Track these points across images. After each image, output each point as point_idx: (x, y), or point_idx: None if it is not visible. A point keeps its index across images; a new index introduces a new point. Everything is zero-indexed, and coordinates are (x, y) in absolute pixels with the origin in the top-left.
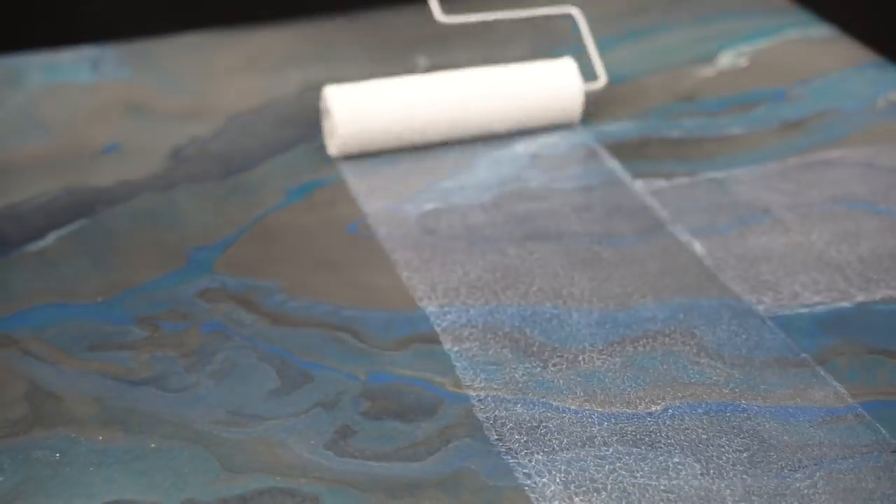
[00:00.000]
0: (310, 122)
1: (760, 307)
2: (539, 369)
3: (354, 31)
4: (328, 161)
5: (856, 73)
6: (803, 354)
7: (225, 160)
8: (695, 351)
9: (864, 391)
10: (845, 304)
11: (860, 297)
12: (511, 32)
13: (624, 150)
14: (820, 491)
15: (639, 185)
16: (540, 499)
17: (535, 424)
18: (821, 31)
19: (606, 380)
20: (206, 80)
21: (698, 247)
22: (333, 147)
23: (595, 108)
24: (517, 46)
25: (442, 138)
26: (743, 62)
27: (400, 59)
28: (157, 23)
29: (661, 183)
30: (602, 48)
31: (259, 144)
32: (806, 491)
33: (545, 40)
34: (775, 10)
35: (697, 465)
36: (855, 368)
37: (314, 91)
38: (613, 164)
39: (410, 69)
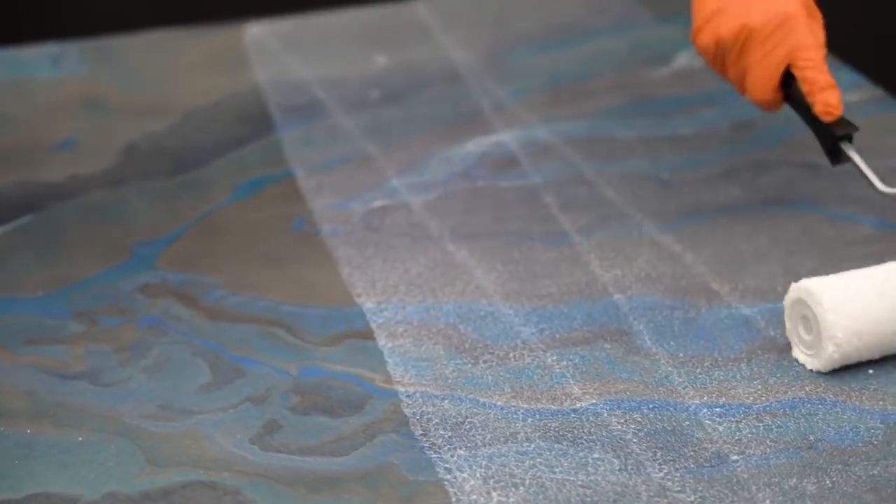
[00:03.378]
0: (264, 118)
1: (692, 308)
2: (469, 366)
3: (317, 27)
4: (279, 158)
5: None
6: (730, 353)
7: (177, 156)
8: (625, 349)
9: (785, 389)
10: (779, 303)
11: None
12: None
13: (576, 148)
14: (738, 486)
15: (586, 183)
16: (458, 493)
17: (460, 420)
18: None
19: (535, 377)
20: (166, 77)
21: (639, 244)
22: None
23: (548, 106)
24: None
25: None
26: (698, 62)
27: (359, 56)
28: (122, 20)
29: (608, 181)
30: (561, 48)
31: (212, 141)
32: (723, 486)
33: None
34: None
35: (616, 461)
36: (777, 367)
37: (273, 89)
38: (563, 162)
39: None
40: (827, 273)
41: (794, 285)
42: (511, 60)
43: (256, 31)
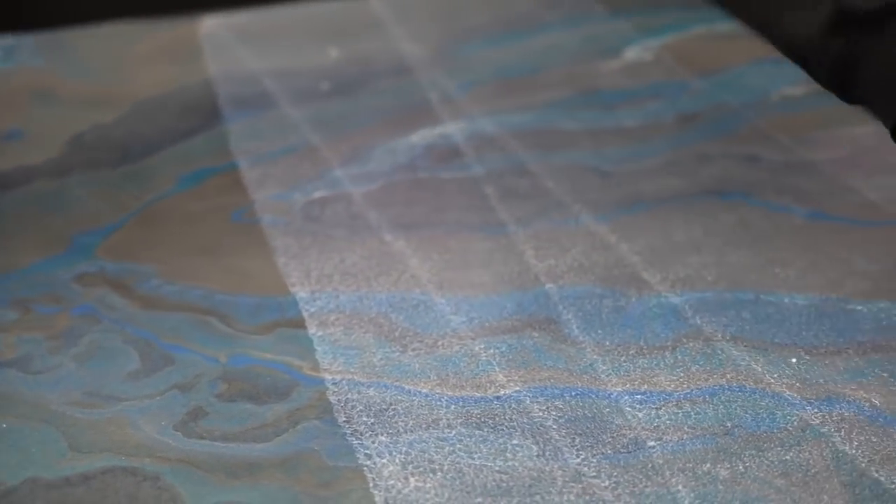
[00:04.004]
0: (214, 110)
1: (622, 296)
2: (398, 354)
3: (272, 20)
4: (224, 149)
5: (755, 68)
6: (656, 341)
7: (123, 147)
8: (552, 338)
9: (707, 376)
10: (707, 292)
11: (721, 286)
12: None
13: (520, 140)
14: (652, 471)
15: (527, 175)
16: (377, 479)
17: (384, 407)
18: (727, 26)
19: (461, 364)
20: (118, 69)
21: (575, 234)
22: None
23: (496, 98)
24: None
25: None
26: (648, 56)
27: (312, 49)
28: (79, 12)
29: (550, 173)
30: (513, 41)
31: (159, 132)
32: (638, 471)
33: None
34: (686, 6)
35: (535, 447)
36: (700, 355)
37: (223, 80)
38: (506, 153)
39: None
40: (757, 264)
41: None
42: (462, 53)
43: (211, 24)
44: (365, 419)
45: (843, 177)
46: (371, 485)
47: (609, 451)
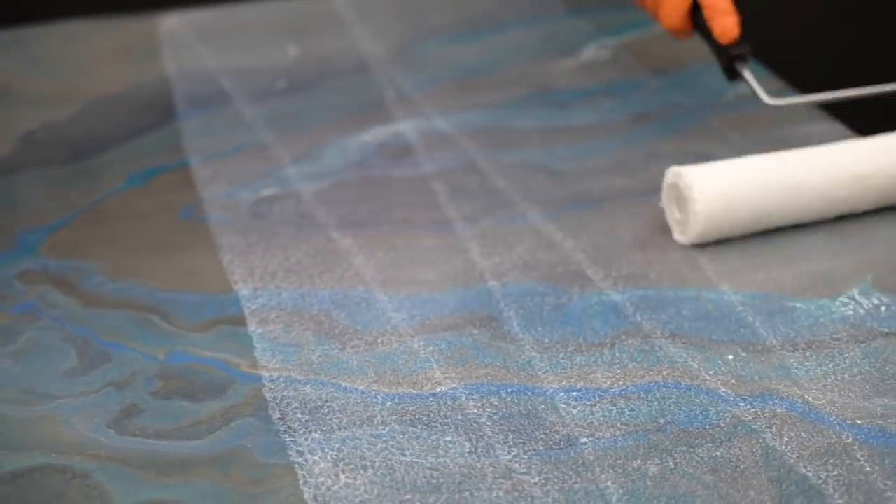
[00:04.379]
0: (168, 108)
1: (564, 294)
2: (336, 351)
3: (235, 19)
4: (177, 147)
5: (713, 67)
6: (595, 338)
7: (75, 145)
8: (492, 335)
9: (644, 373)
10: (650, 290)
11: (664, 283)
12: None
13: (473, 138)
14: (582, 468)
15: (477, 173)
16: (307, 476)
17: (319, 404)
18: None
19: (400, 362)
20: (75, 67)
21: (521, 232)
22: (687, 234)
23: (451, 97)
24: None
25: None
26: (606, 55)
27: (271, 47)
28: (41, 10)
29: (500, 171)
30: (472, 40)
31: (112, 130)
32: (568, 467)
33: None
34: None
35: (467, 444)
36: (638, 352)
37: (180, 79)
38: (458, 151)
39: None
40: (701, 262)
41: (668, 171)
42: (421, 52)
43: (172, 22)
44: (299, 416)
45: None
46: (301, 482)
47: (541, 448)
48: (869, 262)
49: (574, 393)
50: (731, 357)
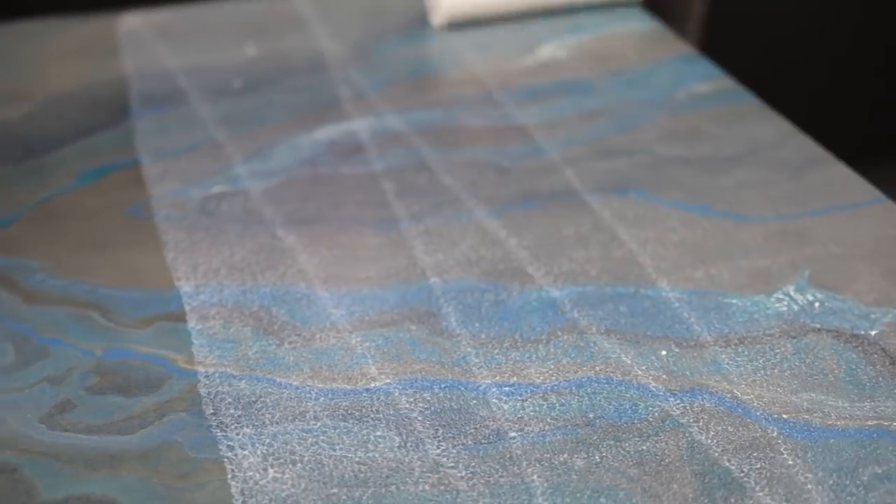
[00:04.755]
0: (123, 107)
1: (504, 290)
2: (274, 347)
3: (195, 18)
4: (129, 145)
5: (667, 66)
6: (531, 334)
7: (27, 143)
8: (430, 331)
9: (577, 369)
10: (588, 286)
11: (603, 280)
12: None
13: (424, 137)
14: (509, 462)
15: (426, 171)
16: (236, 470)
17: (253, 400)
18: (647, 25)
19: (336, 357)
20: (32, 66)
21: (466, 230)
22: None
23: (407, 96)
24: None
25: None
26: (562, 54)
27: (230, 46)
28: (3, 8)
29: (449, 169)
30: (430, 39)
31: (65, 128)
32: (495, 461)
33: None
34: (611, 4)
35: (397, 439)
36: (573, 348)
37: (137, 78)
38: (408, 150)
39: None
40: (622, 258)
41: None
42: (380, 51)
43: (132, 22)
44: (232, 411)
45: (735, 173)
46: (230, 476)
47: (470, 442)
48: (807, 259)
49: (506, 388)
50: (664, 353)
